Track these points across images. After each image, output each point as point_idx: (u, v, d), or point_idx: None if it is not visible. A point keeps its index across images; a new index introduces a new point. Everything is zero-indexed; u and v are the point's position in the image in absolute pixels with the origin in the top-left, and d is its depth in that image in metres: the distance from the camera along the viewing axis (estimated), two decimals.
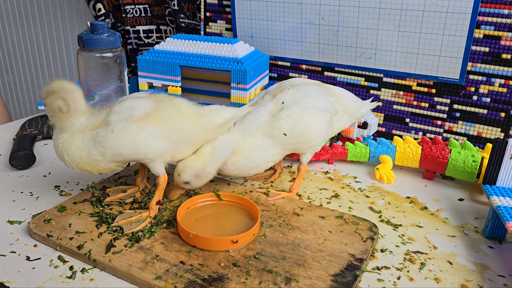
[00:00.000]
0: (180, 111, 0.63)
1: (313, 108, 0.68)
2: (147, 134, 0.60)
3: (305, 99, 0.68)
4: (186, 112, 0.63)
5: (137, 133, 0.59)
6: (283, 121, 0.67)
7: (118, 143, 0.59)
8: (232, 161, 0.67)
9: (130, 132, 0.59)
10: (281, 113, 0.67)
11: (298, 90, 0.70)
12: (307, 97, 0.69)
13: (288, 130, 0.67)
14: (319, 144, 0.70)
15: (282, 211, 0.66)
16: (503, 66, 0.82)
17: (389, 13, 0.87)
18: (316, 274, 0.52)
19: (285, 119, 0.67)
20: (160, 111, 0.61)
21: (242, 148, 0.67)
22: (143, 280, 0.51)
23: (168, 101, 0.63)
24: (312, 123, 0.68)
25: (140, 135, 0.59)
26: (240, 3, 1.01)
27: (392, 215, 0.68)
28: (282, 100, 0.69)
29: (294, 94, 0.69)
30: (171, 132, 0.61)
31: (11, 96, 1.94)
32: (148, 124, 0.60)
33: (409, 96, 0.92)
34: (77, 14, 1.59)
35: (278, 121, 0.67)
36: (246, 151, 0.67)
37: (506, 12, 0.79)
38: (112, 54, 0.83)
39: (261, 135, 0.67)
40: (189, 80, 1.05)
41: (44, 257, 0.56)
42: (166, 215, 0.64)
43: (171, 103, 0.63)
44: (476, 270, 0.56)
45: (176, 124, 0.61)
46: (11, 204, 0.68)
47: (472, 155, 0.74)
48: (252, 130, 0.67)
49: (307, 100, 0.68)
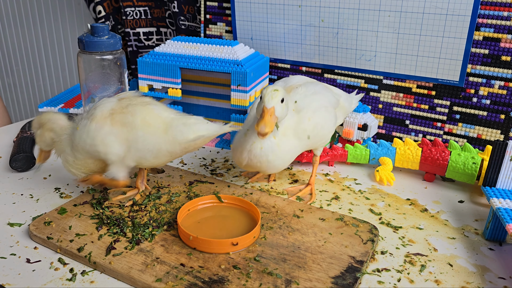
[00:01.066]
0: (146, 119, 0.61)
1: (324, 106, 0.70)
2: (104, 134, 0.61)
3: (315, 97, 0.69)
4: (153, 120, 0.61)
5: (95, 131, 0.61)
6: (306, 124, 0.67)
7: (81, 139, 0.62)
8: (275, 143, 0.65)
9: (90, 130, 0.61)
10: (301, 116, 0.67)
11: (307, 88, 0.71)
12: (317, 95, 0.70)
13: (310, 132, 0.68)
14: (329, 138, 0.72)
15: (283, 213, 0.66)
16: (503, 68, 0.82)
17: (388, 15, 0.87)
18: (317, 276, 0.52)
19: (307, 122, 0.67)
20: (121, 114, 0.61)
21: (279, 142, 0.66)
22: (144, 282, 0.51)
23: (138, 107, 0.62)
24: (326, 121, 0.70)
25: (98, 134, 0.61)
26: (240, 5, 1.01)
27: (392, 217, 0.68)
28: (294, 100, 0.68)
29: (304, 92, 0.70)
30: (131, 139, 0.61)
31: (11, 98, 1.94)
32: (106, 124, 0.61)
33: (409, 98, 0.92)
34: (77, 16, 1.59)
35: (302, 126, 0.67)
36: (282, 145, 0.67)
37: (506, 14, 0.79)
38: (112, 57, 0.83)
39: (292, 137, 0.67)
40: (189, 82, 1.05)
41: (44, 259, 0.56)
42: (166, 217, 0.64)
43: (140, 108, 0.62)
44: (477, 272, 0.56)
45: (136, 131, 0.60)
46: (11, 206, 0.68)
47: (472, 157, 0.74)
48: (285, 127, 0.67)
49: (318, 98, 0.70)
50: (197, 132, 0.61)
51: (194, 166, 0.84)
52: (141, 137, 0.60)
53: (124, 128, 0.61)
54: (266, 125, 0.59)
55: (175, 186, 0.73)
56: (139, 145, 0.61)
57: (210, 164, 0.85)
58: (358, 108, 0.86)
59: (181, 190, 0.72)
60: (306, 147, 0.70)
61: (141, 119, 0.61)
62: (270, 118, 0.60)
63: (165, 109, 0.63)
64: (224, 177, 0.80)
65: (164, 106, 0.64)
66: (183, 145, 0.61)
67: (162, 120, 0.61)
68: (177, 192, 0.71)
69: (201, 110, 1.08)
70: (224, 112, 1.06)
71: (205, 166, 0.84)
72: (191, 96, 1.07)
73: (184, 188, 0.72)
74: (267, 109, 0.60)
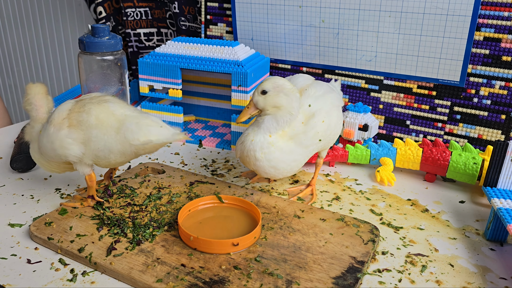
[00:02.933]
0: (100, 117, 0.59)
1: (335, 105, 0.69)
2: (62, 137, 0.60)
3: (326, 98, 0.68)
4: (106, 118, 0.59)
5: (53, 134, 0.61)
6: (319, 127, 0.66)
7: (43, 144, 0.62)
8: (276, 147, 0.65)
9: (49, 134, 0.61)
10: (314, 120, 0.66)
11: (316, 88, 0.69)
12: (327, 95, 0.69)
13: (322, 135, 0.67)
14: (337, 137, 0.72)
15: (283, 214, 0.66)
16: (504, 68, 0.82)
17: (389, 16, 0.87)
18: (317, 276, 0.52)
19: (321, 124, 0.66)
20: (77, 114, 0.60)
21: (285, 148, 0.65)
22: (144, 283, 0.51)
23: (94, 105, 0.61)
24: (337, 121, 0.69)
25: (56, 137, 0.60)
26: (240, 6, 1.01)
27: (393, 218, 0.68)
28: (308, 103, 0.67)
29: (314, 93, 0.68)
30: (86, 138, 0.60)
31: (12, 99, 1.95)
32: (64, 126, 0.60)
33: (410, 98, 0.92)
34: (78, 17, 1.60)
35: (314, 129, 0.65)
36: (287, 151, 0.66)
37: (506, 14, 0.79)
38: (113, 57, 0.83)
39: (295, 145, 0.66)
40: (190, 83, 1.05)
41: (45, 260, 0.56)
42: (167, 217, 0.64)
43: (96, 106, 0.61)
44: (478, 273, 0.56)
45: (91, 130, 0.59)
46: (12, 207, 0.68)
47: (473, 157, 0.74)
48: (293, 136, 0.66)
49: (327, 98, 0.68)
50: (147, 135, 0.58)
51: (195, 167, 0.84)
52: (94, 136, 0.59)
53: (80, 128, 0.60)
54: (238, 117, 0.66)
55: (175, 187, 0.73)
56: (92, 144, 0.60)
57: (211, 164, 0.85)
58: (359, 109, 0.86)
59: (181, 190, 0.71)
60: (314, 152, 0.68)
61: (95, 117, 0.59)
62: (247, 109, 0.66)
63: (122, 107, 0.61)
64: (225, 177, 0.80)
65: (122, 104, 0.62)
66: (134, 146, 0.59)
67: (115, 118, 0.60)
68: (178, 192, 0.71)
69: (202, 110, 1.08)
70: (224, 112, 1.06)
71: (206, 166, 0.84)
72: (191, 97, 1.07)
73: (185, 188, 0.72)
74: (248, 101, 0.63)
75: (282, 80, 0.64)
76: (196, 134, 0.99)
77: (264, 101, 0.64)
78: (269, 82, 0.63)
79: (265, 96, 0.63)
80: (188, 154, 0.89)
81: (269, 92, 0.63)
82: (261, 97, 0.64)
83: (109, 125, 0.59)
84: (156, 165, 0.80)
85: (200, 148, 0.93)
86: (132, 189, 0.71)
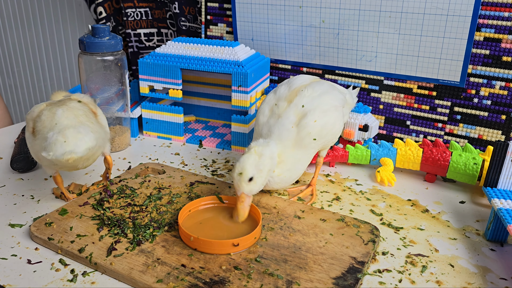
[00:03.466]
0: (54, 118, 0.58)
1: (333, 105, 0.69)
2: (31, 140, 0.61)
3: (323, 98, 0.68)
4: (42, 128, 0.58)
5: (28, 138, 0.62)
6: (311, 127, 0.66)
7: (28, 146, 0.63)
8: (278, 174, 0.66)
9: (27, 138, 0.62)
10: (306, 119, 0.66)
11: (313, 89, 0.69)
12: (324, 95, 0.68)
13: (317, 134, 0.67)
14: (338, 137, 0.72)
15: (283, 214, 0.66)
16: (504, 68, 0.82)
17: (389, 16, 0.87)
18: (318, 277, 0.52)
19: (313, 125, 0.66)
20: (41, 116, 0.60)
21: (285, 160, 0.66)
22: (144, 283, 0.51)
23: (60, 104, 0.60)
24: (335, 121, 0.69)
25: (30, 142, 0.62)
26: (240, 6, 1.01)
27: (393, 218, 0.68)
28: (302, 104, 0.67)
29: (311, 94, 0.68)
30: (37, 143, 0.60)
31: (12, 99, 1.95)
32: (31, 130, 0.61)
33: (410, 98, 0.92)
34: (78, 17, 1.60)
35: (306, 129, 0.66)
36: (289, 163, 0.66)
37: (507, 14, 0.79)
38: (113, 57, 0.83)
39: (296, 148, 0.66)
40: (190, 83, 1.06)
41: (45, 260, 0.56)
42: (167, 218, 0.64)
43: (62, 106, 0.60)
44: (478, 273, 0.56)
45: (48, 131, 0.58)
46: (12, 207, 0.68)
47: (473, 158, 0.74)
48: (287, 144, 0.66)
49: (325, 98, 0.68)
50: (48, 150, 0.54)
51: (195, 167, 0.84)
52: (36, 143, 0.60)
53: (41, 131, 0.59)
54: (239, 215, 0.60)
55: (176, 187, 0.73)
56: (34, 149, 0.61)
57: (211, 165, 0.85)
58: (359, 109, 0.86)
59: (182, 191, 0.71)
60: (316, 150, 0.69)
61: (40, 123, 0.59)
62: (243, 205, 0.60)
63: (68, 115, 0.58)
64: (225, 178, 0.80)
65: (76, 110, 0.59)
66: (47, 159, 0.55)
67: (50, 125, 0.57)
68: (178, 193, 0.71)
69: (202, 111, 1.08)
70: (225, 113, 1.06)
71: (206, 167, 0.84)
72: (192, 97, 1.07)
73: (185, 189, 0.72)
74: (238, 196, 0.60)
75: (247, 158, 0.60)
76: (196, 135, 0.99)
77: (256, 183, 0.60)
78: (247, 166, 0.59)
79: (253, 180, 0.60)
80: (188, 155, 0.89)
81: (255, 175, 0.60)
82: (250, 183, 0.60)
83: (44, 132, 0.58)
84: (156, 166, 0.80)
85: (200, 148, 0.93)
86: (133, 189, 0.71)
